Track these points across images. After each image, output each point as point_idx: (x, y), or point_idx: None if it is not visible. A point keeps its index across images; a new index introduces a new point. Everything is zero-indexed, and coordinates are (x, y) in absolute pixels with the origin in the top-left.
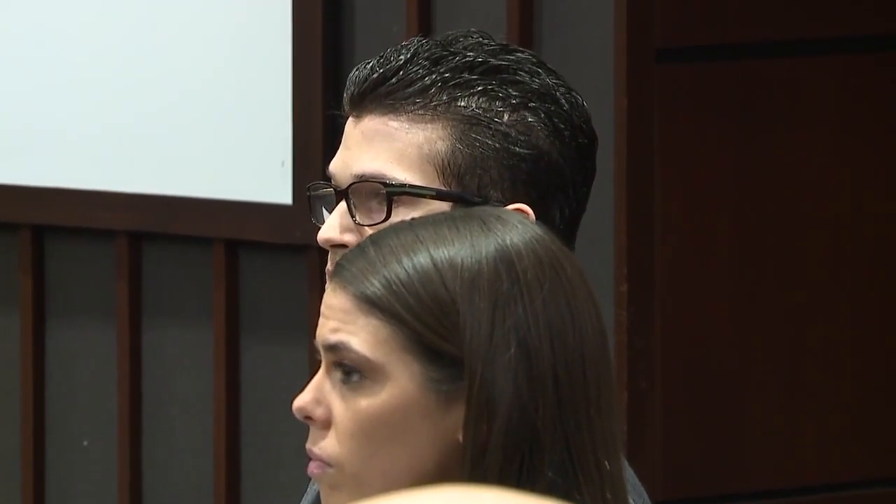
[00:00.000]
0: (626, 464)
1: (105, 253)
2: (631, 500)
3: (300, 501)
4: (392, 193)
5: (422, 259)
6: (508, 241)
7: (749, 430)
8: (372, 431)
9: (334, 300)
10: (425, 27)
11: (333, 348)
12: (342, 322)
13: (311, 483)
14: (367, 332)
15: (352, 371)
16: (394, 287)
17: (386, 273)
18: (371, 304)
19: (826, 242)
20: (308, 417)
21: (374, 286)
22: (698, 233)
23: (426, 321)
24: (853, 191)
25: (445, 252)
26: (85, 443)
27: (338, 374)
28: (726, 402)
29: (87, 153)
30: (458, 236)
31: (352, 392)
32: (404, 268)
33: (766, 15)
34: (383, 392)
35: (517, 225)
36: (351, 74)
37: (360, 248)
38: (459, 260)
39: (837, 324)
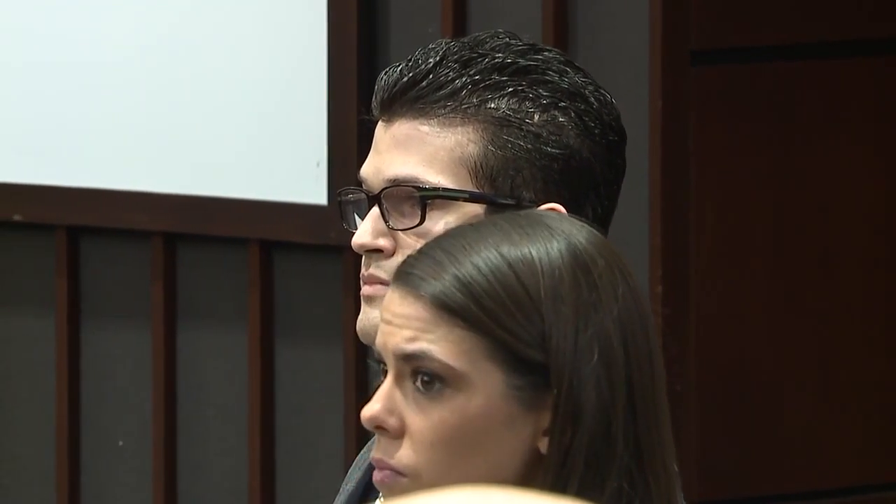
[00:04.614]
0: None
1: (140, 254)
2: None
3: (333, 502)
4: (426, 197)
5: (495, 261)
6: (578, 244)
7: (784, 432)
8: (452, 441)
9: (406, 308)
10: (460, 28)
11: (411, 357)
12: (420, 331)
13: (344, 482)
14: (450, 341)
15: (433, 380)
16: (474, 294)
17: (461, 278)
18: (452, 313)
19: (860, 245)
20: (379, 427)
21: (452, 293)
22: (733, 235)
23: (511, 329)
24: (888, 193)
25: (517, 252)
26: (120, 443)
27: (414, 384)
28: (761, 404)
29: (123, 154)
30: (527, 237)
31: (431, 401)
32: (480, 272)
33: (802, 17)
34: (466, 401)
35: (581, 227)
36: (379, 79)
37: (424, 252)
38: (536, 263)
39: (872, 326)
